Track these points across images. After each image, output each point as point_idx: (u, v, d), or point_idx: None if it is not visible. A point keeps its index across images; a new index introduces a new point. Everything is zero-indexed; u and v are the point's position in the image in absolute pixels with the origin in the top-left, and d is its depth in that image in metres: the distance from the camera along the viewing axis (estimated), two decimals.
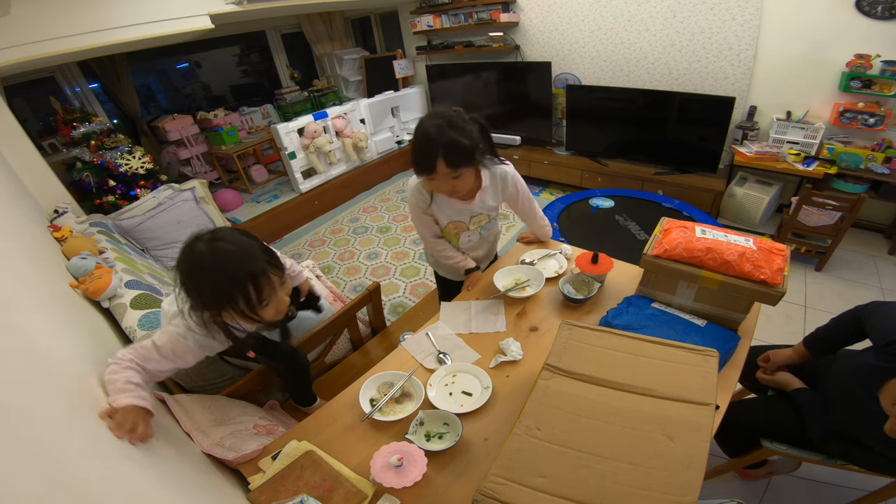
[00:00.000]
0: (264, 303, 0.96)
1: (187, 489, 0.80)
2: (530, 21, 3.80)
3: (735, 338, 1.13)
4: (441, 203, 1.41)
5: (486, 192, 1.39)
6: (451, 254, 1.53)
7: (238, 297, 0.91)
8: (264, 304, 0.96)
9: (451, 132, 1.12)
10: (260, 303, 0.94)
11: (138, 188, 3.00)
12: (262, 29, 4.50)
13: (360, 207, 4.04)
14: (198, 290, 0.92)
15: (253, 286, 0.92)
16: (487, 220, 1.51)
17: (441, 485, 0.92)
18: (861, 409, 1.07)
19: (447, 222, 1.46)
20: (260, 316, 0.97)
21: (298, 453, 0.99)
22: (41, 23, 2.24)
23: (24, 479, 0.50)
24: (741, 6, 2.82)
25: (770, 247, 1.13)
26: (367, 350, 1.82)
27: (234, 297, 0.91)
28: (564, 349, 0.92)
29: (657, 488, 0.66)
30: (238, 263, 0.91)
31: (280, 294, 1.01)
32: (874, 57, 2.49)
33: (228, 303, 0.92)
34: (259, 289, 0.93)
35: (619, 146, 3.58)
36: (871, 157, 2.59)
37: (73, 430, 0.69)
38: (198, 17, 2.81)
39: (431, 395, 1.09)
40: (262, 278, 0.93)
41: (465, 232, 1.49)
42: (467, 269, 1.53)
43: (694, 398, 0.79)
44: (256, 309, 0.94)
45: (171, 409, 1.11)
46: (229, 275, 0.90)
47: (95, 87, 3.67)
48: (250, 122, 4.39)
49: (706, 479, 0.99)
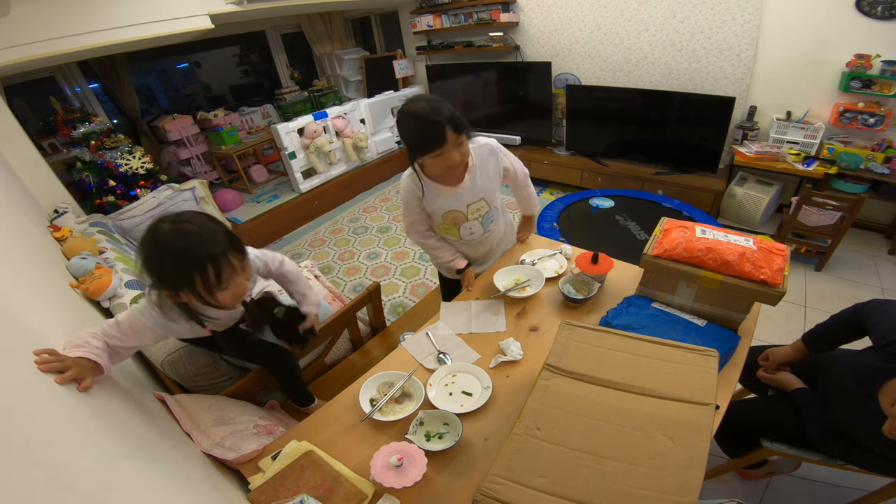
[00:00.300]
0: (223, 286, 0.96)
1: (187, 489, 0.80)
2: (530, 21, 3.80)
3: (735, 338, 1.13)
4: (432, 195, 1.38)
5: (475, 172, 1.37)
6: (443, 253, 1.51)
7: (196, 277, 0.91)
8: (223, 287, 0.96)
9: (443, 104, 1.19)
10: (218, 285, 0.94)
11: (138, 188, 3.00)
12: (262, 29, 4.50)
13: (360, 207, 4.04)
14: (157, 268, 0.92)
15: (212, 267, 0.92)
16: (487, 207, 1.45)
17: (441, 485, 0.92)
18: (860, 409, 1.06)
19: (442, 213, 1.42)
20: (217, 299, 0.97)
21: (298, 453, 0.99)
22: (41, 23, 2.24)
23: (25, 480, 0.50)
24: (741, 6, 2.82)
25: (770, 247, 1.13)
26: (367, 350, 1.82)
27: (192, 278, 0.91)
28: (564, 349, 0.92)
29: (657, 488, 0.66)
30: (199, 244, 0.92)
31: (240, 279, 1.00)
32: (874, 57, 2.49)
33: (186, 283, 0.92)
34: (218, 271, 0.93)
35: (619, 146, 3.58)
36: (871, 157, 2.59)
37: (74, 430, 0.68)
38: (198, 17, 2.81)
39: (431, 395, 1.09)
40: (221, 260, 0.93)
41: (464, 223, 1.45)
42: (458, 268, 1.52)
43: (694, 398, 0.79)
44: (214, 291, 0.95)
45: (171, 409, 1.11)
46: (189, 255, 0.91)
47: (95, 87, 3.67)
48: (250, 122, 4.39)
49: (706, 479, 0.99)
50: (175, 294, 0.96)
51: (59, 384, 0.75)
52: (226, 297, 0.99)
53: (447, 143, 1.18)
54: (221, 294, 0.97)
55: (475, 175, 1.38)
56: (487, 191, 1.43)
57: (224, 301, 0.99)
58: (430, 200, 1.40)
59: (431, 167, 1.29)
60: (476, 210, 1.44)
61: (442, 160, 1.22)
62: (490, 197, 1.45)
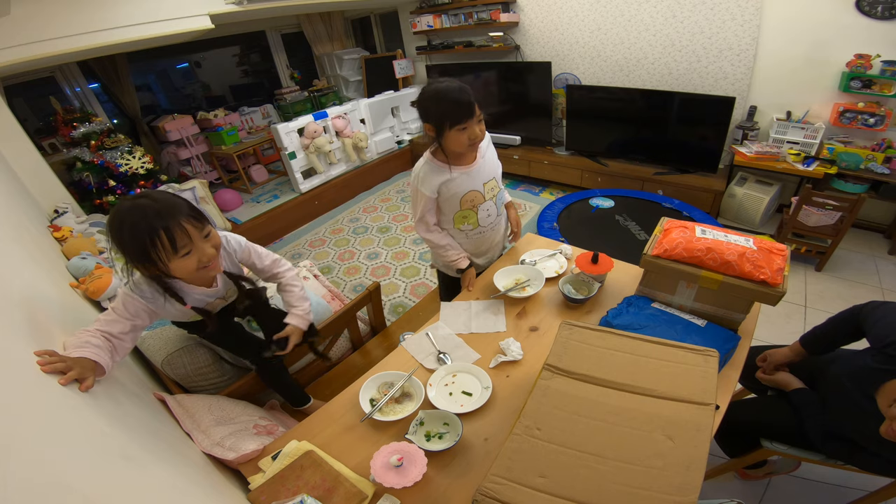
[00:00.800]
0: (180, 252, 0.96)
1: (187, 489, 0.80)
2: (530, 21, 3.80)
3: (735, 338, 1.13)
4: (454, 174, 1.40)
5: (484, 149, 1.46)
6: (448, 251, 1.51)
7: (151, 245, 0.92)
8: (180, 253, 0.96)
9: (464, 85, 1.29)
10: (174, 251, 0.95)
11: (138, 188, 3.00)
12: (262, 29, 4.50)
13: (360, 207, 4.04)
14: (121, 244, 0.95)
15: (165, 233, 0.93)
16: (497, 187, 1.53)
17: (441, 485, 0.92)
18: (857, 410, 1.06)
19: (462, 196, 1.43)
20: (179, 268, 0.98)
21: (298, 453, 0.99)
22: (41, 23, 2.24)
23: (24, 480, 0.50)
24: (741, 6, 2.82)
25: (770, 247, 1.13)
26: (367, 350, 1.82)
27: (147, 247, 0.92)
28: (564, 349, 0.92)
29: (657, 488, 0.66)
30: (152, 214, 0.93)
31: (201, 245, 1.01)
32: (874, 57, 2.49)
33: (144, 253, 0.93)
34: (171, 236, 0.94)
35: (619, 146, 3.58)
36: (871, 157, 2.59)
37: (74, 430, 0.68)
38: (198, 17, 2.81)
39: (431, 395, 1.09)
40: (174, 226, 0.94)
41: (482, 204, 1.47)
42: (460, 268, 1.52)
43: (694, 398, 0.79)
44: (171, 258, 0.95)
45: (171, 409, 1.12)
46: (143, 225, 0.92)
47: (95, 87, 3.68)
48: (250, 122, 4.39)
49: (706, 479, 0.99)
50: (144, 267, 0.98)
51: (63, 385, 0.75)
52: (189, 264, 0.99)
53: (474, 116, 1.28)
54: (182, 261, 0.98)
55: (484, 155, 1.46)
56: (495, 170, 1.51)
57: (188, 269, 0.99)
58: (450, 184, 1.40)
59: (454, 143, 1.32)
60: (490, 189, 1.49)
61: (466, 133, 1.30)
62: (498, 176, 1.53)
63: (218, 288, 1.20)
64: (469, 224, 1.50)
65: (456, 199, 1.43)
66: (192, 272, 1.01)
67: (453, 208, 1.46)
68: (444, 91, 1.26)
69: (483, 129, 1.34)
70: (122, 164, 2.96)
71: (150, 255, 0.93)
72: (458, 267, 1.52)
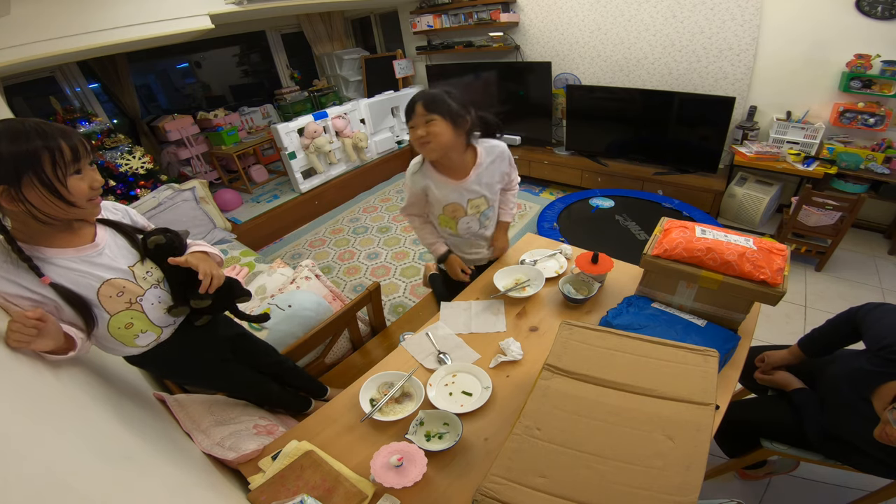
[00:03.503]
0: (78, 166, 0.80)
1: (187, 489, 0.80)
2: (530, 21, 3.80)
3: (735, 338, 1.13)
4: (438, 183, 1.42)
5: (481, 169, 1.42)
6: (427, 235, 1.58)
7: (44, 153, 0.75)
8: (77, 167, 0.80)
9: (441, 91, 1.30)
10: (75, 162, 0.79)
11: (138, 188, 3.00)
12: (262, 29, 4.50)
13: (361, 207, 4.04)
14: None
15: (65, 142, 0.77)
16: (486, 205, 1.48)
17: (441, 485, 0.92)
18: (853, 412, 1.06)
19: (444, 205, 1.45)
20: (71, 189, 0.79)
21: (298, 453, 0.99)
22: (41, 23, 2.24)
23: (24, 480, 0.50)
24: (741, 6, 2.82)
25: (770, 247, 1.13)
26: (367, 350, 1.82)
27: (39, 154, 0.74)
28: (564, 349, 0.92)
29: (657, 488, 0.66)
30: (45, 125, 0.77)
31: (92, 172, 0.84)
32: (874, 57, 2.49)
33: (31, 161, 0.74)
34: (72, 145, 0.78)
35: (619, 146, 3.58)
36: (871, 157, 2.59)
37: (73, 430, 0.68)
38: (198, 17, 2.81)
39: (431, 395, 1.09)
40: (74, 137, 0.79)
41: (463, 217, 1.48)
42: (439, 253, 1.56)
43: (694, 398, 0.79)
44: (67, 174, 0.78)
45: (171, 409, 1.11)
46: (37, 131, 0.75)
47: (95, 87, 3.67)
48: (250, 122, 4.39)
49: (706, 479, 0.99)
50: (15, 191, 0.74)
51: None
52: (82, 185, 0.81)
53: (414, 114, 1.29)
54: (77, 181, 0.80)
55: (481, 172, 1.43)
56: (490, 189, 1.47)
57: (79, 192, 0.80)
58: (432, 188, 1.44)
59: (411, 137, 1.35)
60: (476, 206, 1.47)
61: (413, 135, 1.31)
62: (491, 195, 1.49)
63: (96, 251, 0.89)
64: (449, 229, 1.54)
65: (438, 205, 1.47)
66: (83, 199, 0.82)
67: (437, 210, 1.50)
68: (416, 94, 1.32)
69: (438, 135, 1.27)
70: (122, 164, 2.96)
71: (41, 165, 0.74)
72: (437, 253, 1.56)
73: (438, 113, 1.27)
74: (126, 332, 0.94)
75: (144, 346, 0.99)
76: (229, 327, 1.29)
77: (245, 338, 1.35)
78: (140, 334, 0.97)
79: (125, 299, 0.92)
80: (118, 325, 0.92)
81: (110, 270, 0.90)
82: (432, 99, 1.28)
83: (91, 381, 0.91)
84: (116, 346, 0.95)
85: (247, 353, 1.34)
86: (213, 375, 1.24)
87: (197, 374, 1.22)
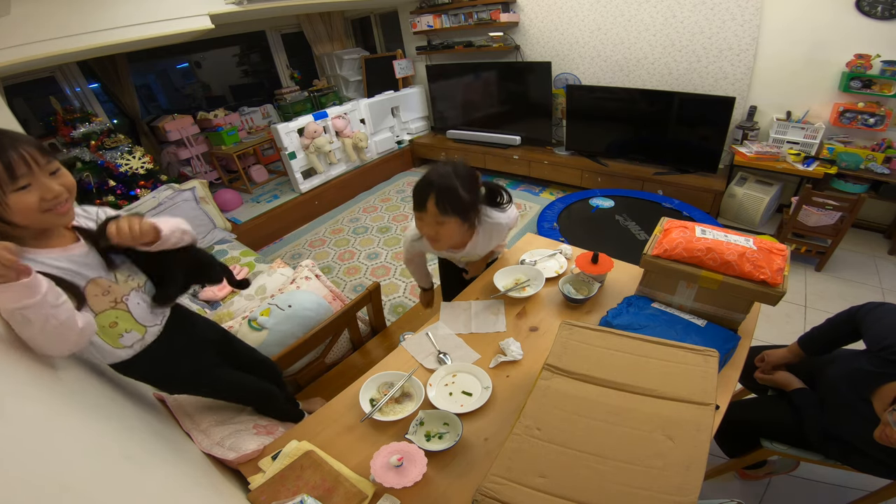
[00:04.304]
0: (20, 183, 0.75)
1: (187, 489, 0.80)
2: (530, 21, 3.80)
3: (735, 338, 1.13)
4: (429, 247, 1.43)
5: (477, 241, 1.39)
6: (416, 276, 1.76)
7: None
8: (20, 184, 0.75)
9: (454, 180, 1.18)
10: (11, 180, 0.74)
11: (138, 188, 3.00)
12: (262, 29, 4.50)
13: (361, 207, 4.04)
14: None
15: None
16: (470, 255, 1.51)
17: (441, 485, 0.92)
18: (853, 412, 1.06)
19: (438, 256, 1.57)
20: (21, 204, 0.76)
21: (298, 453, 0.99)
22: (41, 23, 2.24)
23: (23, 480, 0.50)
24: (741, 6, 2.82)
25: (770, 247, 1.13)
26: (367, 350, 1.82)
27: None
28: (564, 349, 0.92)
29: (657, 488, 0.66)
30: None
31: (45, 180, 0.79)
32: (874, 57, 2.49)
33: None
34: (8, 162, 0.73)
35: (619, 146, 3.58)
36: (871, 157, 2.59)
37: (73, 430, 0.68)
38: (198, 17, 2.81)
39: (431, 395, 1.09)
40: (10, 151, 0.74)
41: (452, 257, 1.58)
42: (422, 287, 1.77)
43: (694, 398, 0.79)
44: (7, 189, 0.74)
45: (171, 409, 1.12)
46: None
47: (95, 87, 3.67)
48: (250, 122, 4.39)
49: (706, 479, 0.99)
50: None
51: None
52: (28, 200, 0.77)
53: (425, 211, 1.21)
54: (20, 196, 0.76)
55: (477, 243, 1.41)
56: (481, 251, 1.49)
57: (28, 207, 0.77)
58: (428, 251, 1.51)
59: (417, 226, 1.31)
60: (462, 257, 1.55)
61: (420, 226, 1.28)
62: (481, 254, 1.52)
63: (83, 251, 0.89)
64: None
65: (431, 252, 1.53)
66: (34, 212, 0.78)
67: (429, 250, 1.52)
68: (428, 172, 1.23)
69: (447, 234, 1.24)
70: (122, 165, 2.96)
71: None
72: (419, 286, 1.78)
73: (451, 215, 1.20)
74: (110, 332, 0.94)
75: (129, 348, 0.98)
76: (213, 330, 1.28)
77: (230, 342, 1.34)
78: (125, 334, 0.96)
79: (110, 298, 0.93)
80: (103, 324, 0.92)
81: (96, 270, 0.91)
82: (446, 197, 1.18)
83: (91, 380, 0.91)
84: (102, 346, 0.94)
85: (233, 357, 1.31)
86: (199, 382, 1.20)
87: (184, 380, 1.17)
